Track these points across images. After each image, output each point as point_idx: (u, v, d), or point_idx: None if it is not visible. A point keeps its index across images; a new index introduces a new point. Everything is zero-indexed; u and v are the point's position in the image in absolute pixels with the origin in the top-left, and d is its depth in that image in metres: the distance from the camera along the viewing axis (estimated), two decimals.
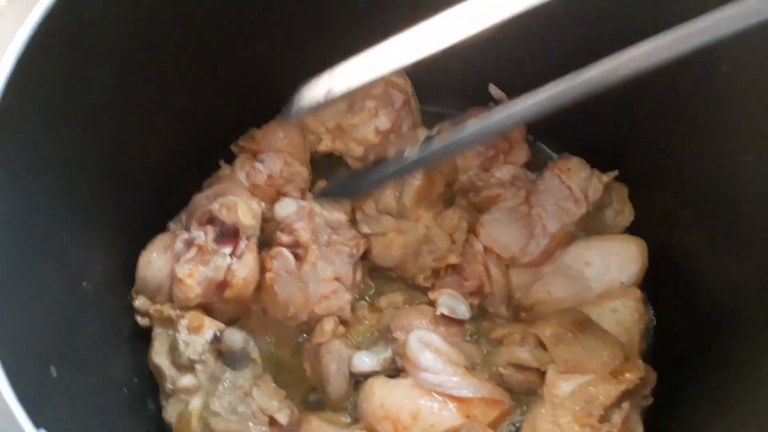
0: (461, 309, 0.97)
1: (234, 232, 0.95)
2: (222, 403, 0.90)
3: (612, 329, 0.92)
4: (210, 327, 0.93)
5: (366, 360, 0.95)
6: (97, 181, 0.88)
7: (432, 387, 0.89)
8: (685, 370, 0.93)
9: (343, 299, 0.98)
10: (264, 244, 1.01)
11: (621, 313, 0.94)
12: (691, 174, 0.94)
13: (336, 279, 0.98)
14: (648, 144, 1.00)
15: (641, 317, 0.95)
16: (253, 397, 0.90)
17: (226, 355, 0.94)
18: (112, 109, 0.86)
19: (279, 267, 0.96)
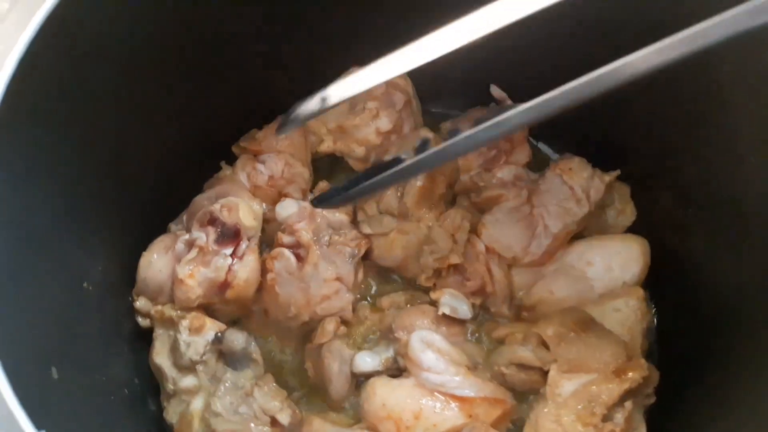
0: (463, 309, 0.96)
1: (235, 233, 0.94)
2: (223, 404, 0.90)
3: (614, 328, 0.92)
4: (211, 328, 0.93)
5: (368, 360, 0.95)
6: (98, 182, 0.88)
7: (434, 387, 0.89)
8: (688, 369, 0.93)
9: (345, 299, 0.98)
10: (265, 244, 1.01)
11: (623, 313, 0.93)
12: (693, 174, 0.94)
13: (337, 279, 0.98)
14: (650, 144, 1.00)
15: (644, 316, 0.95)
16: (255, 398, 0.90)
17: (227, 356, 0.94)
18: (112, 110, 0.86)
19: (280, 268, 0.96)
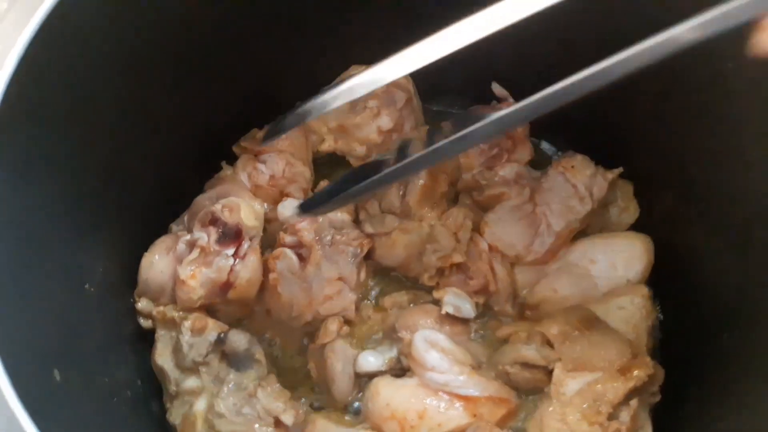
0: (466, 308, 0.96)
1: (236, 233, 0.94)
2: (227, 405, 0.89)
3: (619, 327, 0.91)
4: (213, 328, 0.92)
5: (371, 360, 0.95)
6: (98, 183, 0.87)
7: (438, 386, 0.89)
8: (692, 367, 0.93)
9: (348, 299, 0.98)
10: (267, 244, 1.00)
11: (628, 311, 0.93)
12: (697, 171, 0.93)
13: (340, 279, 0.98)
14: (653, 141, 0.99)
15: (648, 314, 0.94)
16: (258, 398, 0.90)
17: (230, 357, 0.93)
18: (112, 110, 0.86)
19: (282, 268, 0.96)
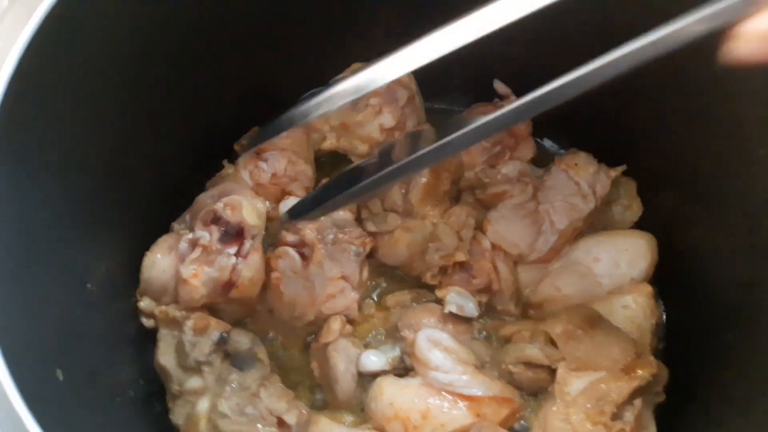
0: (469, 307, 0.96)
1: (239, 231, 0.94)
2: (230, 405, 0.89)
3: (623, 326, 0.91)
4: (216, 328, 0.92)
5: (374, 359, 0.94)
6: (100, 182, 0.87)
7: (442, 386, 0.88)
8: (696, 367, 0.92)
9: (350, 298, 0.98)
10: (269, 243, 1.00)
11: (632, 309, 0.93)
12: (701, 168, 0.93)
13: (342, 278, 0.97)
14: (656, 139, 0.99)
15: (652, 313, 0.94)
16: (261, 398, 0.90)
17: (232, 356, 0.93)
18: (113, 110, 0.85)
19: (285, 267, 0.95)
